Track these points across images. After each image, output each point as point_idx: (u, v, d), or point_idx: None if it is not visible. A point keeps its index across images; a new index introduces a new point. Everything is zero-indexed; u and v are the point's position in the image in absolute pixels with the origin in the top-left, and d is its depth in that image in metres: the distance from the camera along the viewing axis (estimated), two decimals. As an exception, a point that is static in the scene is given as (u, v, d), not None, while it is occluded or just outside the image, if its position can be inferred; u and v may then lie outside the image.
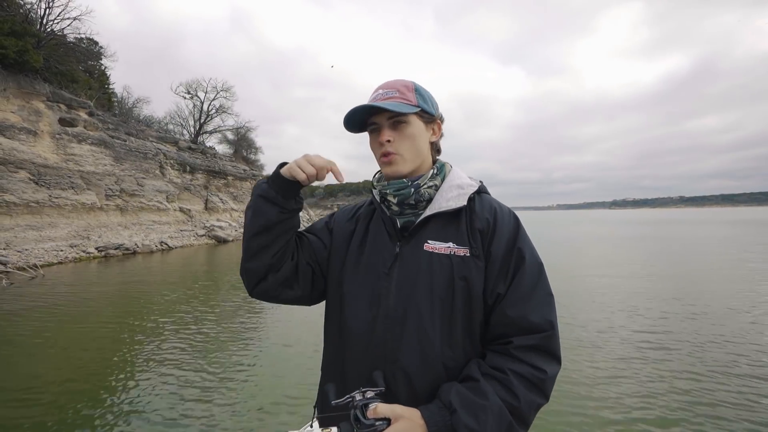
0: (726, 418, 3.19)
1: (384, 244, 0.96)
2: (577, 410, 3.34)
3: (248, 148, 39.71)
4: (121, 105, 28.22)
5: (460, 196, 0.93)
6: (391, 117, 0.92)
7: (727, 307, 6.56)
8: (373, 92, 0.97)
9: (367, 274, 0.95)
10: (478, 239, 0.90)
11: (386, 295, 0.91)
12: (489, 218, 0.92)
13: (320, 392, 1.01)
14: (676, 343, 4.92)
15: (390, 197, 0.96)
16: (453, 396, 0.79)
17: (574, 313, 6.35)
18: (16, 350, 4.97)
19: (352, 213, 1.09)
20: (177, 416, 3.34)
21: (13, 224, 14.04)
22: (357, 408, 0.76)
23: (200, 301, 7.74)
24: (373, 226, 1.01)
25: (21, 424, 3.20)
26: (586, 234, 29.68)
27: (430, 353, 0.86)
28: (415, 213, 0.96)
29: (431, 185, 0.96)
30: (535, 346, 0.83)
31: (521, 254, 0.90)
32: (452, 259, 0.89)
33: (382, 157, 0.94)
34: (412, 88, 0.95)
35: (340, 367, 0.96)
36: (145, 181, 21.43)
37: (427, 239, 0.91)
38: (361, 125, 0.98)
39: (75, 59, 20.30)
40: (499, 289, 0.87)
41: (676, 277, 9.76)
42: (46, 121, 16.50)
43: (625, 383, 3.82)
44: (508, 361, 0.83)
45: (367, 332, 0.91)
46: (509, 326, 0.86)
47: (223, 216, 27.76)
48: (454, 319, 0.87)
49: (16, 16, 16.11)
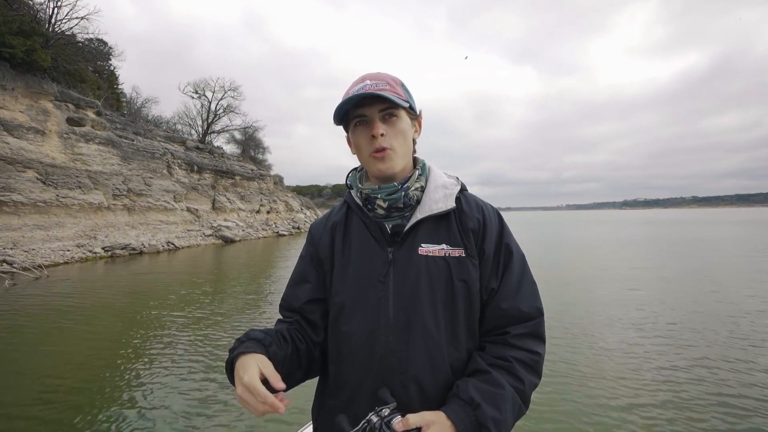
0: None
1: (373, 251, 0.92)
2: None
3: (256, 148, 39.73)
4: (130, 105, 28.33)
5: (447, 197, 0.93)
6: (383, 110, 0.89)
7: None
8: (358, 82, 0.90)
9: (359, 284, 0.91)
10: (471, 239, 0.91)
11: (385, 304, 0.88)
12: (479, 217, 0.93)
13: (324, 419, 0.95)
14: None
15: (379, 201, 0.92)
16: (472, 391, 0.80)
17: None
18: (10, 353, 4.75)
19: (325, 222, 1.04)
20: (179, 418, 3.29)
21: (21, 224, 14.00)
22: (379, 429, 0.74)
23: (207, 301, 7.50)
24: (355, 233, 0.96)
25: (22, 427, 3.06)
26: (601, 235, 29.08)
27: (439, 358, 0.86)
28: (402, 215, 0.93)
29: (418, 187, 0.94)
30: (528, 333, 0.88)
31: (509, 249, 0.93)
32: (448, 261, 0.88)
33: (375, 153, 0.89)
34: (400, 83, 0.93)
35: (343, 386, 0.91)
36: (152, 180, 21.40)
37: (420, 243, 0.90)
38: (342, 117, 0.93)
39: (83, 59, 20.32)
40: (492, 285, 0.90)
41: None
42: (54, 120, 16.49)
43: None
44: (508, 350, 0.86)
45: (367, 345, 0.87)
46: (504, 318, 0.89)
47: (231, 216, 27.69)
48: (457, 320, 0.88)
49: (24, 16, 16.12)
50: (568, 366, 4.23)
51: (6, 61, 14.74)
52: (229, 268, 12.94)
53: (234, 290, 8.95)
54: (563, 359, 4.42)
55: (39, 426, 3.15)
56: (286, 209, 37.24)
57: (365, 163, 0.94)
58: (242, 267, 13.13)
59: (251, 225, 28.51)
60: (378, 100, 0.88)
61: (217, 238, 22.33)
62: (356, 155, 0.96)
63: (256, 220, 30.60)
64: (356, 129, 0.92)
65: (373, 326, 0.88)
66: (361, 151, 0.92)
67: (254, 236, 25.86)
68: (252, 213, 31.00)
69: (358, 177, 1.01)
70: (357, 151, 0.94)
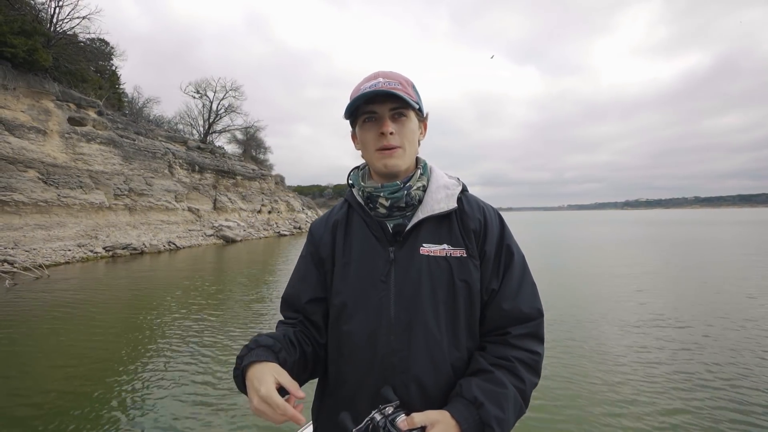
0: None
1: (375, 250, 0.92)
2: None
3: (257, 148, 39.73)
4: (132, 105, 28.34)
5: (448, 197, 0.93)
6: (394, 108, 0.89)
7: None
8: (371, 79, 0.90)
9: (361, 283, 0.91)
10: (472, 239, 0.91)
11: (386, 304, 0.88)
12: (480, 218, 0.93)
13: (324, 418, 0.96)
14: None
15: (382, 200, 0.92)
16: (475, 391, 0.80)
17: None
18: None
19: (326, 220, 1.04)
20: (181, 419, 3.24)
21: (22, 223, 14.00)
22: (383, 428, 0.73)
23: (208, 301, 7.47)
24: (356, 232, 0.96)
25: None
26: (602, 234, 28.98)
27: (440, 358, 0.86)
28: (404, 215, 0.93)
29: (419, 186, 0.94)
30: (529, 334, 0.89)
31: (510, 251, 0.93)
32: (450, 261, 0.89)
33: (383, 150, 0.89)
34: (411, 84, 0.94)
35: (343, 385, 0.91)
36: (153, 180, 21.39)
37: (422, 243, 0.90)
38: (352, 112, 0.92)
39: (85, 59, 20.32)
40: (493, 285, 0.90)
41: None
42: (55, 120, 16.49)
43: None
44: (509, 350, 0.87)
45: (369, 345, 0.87)
46: (505, 318, 0.89)
47: (232, 216, 27.68)
48: (458, 320, 0.88)
49: (26, 16, 16.12)
50: (575, 367, 4.18)
51: (7, 61, 14.75)
52: (231, 268, 12.91)
53: (235, 290, 8.91)
54: (565, 362, 4.37)
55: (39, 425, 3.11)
56: (288, 209, 37.23)
57: (370, 159, 0.94)
58: (243, 267, 13.10)
59: (252, 225, 28.50)
60: (390, 98, 0.88)
61: (218, 238, 22.31)
62: (361, 151, 0.96)
63: (258, 220, 30.59)
64: (365, 125, 0.91)
65: (374, 326, 0.88)
66: (367, 148, 0.92)
67: (255, 236, 25.84)
68: (253, 213, 30.99)
69: (360, 175, 1.00)
70: (363, 147, 0.94)
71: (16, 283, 9.25)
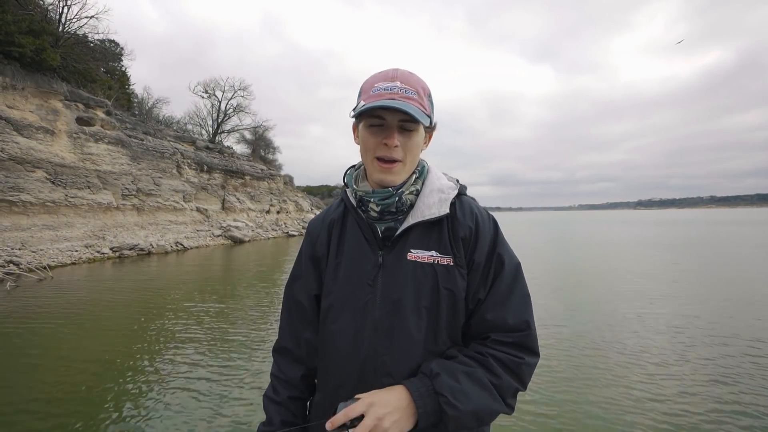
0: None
1: (364, 253, 0.92)
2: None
3: (266, 148, 39.64)
4: (141, 105, 28.36)
5: (441, 202, 0.91)
6: (403, 120, 0.85)
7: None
8: (388, 79, 0.85)
9: (349, 285, 0.91)
10: (461, 248, 0.89)
11: (372, 307, 0.88)
12: (471, 226, 0.91)
13: (315, 412, 0.98)
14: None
15: (372, 204, 0.90)
16: (433, 365, 0.81)
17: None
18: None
19: (323, 219, 1.02)
20: (182, 421, 3.22)
21: (30, 224, 13.90)
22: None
23: (214, 304, 7.14)
24: (350, 232, 0.95)
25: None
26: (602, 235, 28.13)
27: (418, 363, 0.86)
28: (395, 219, 0.91)
29: (412, 190, 0.92)
30: (512, 343, 0.85)
31: (501, 260, 0.90)
32: (436, 268, 0.87)
33: (384, 162, 0.87)
34: (428, 93, 0.90)
35: (327, 383, 0.93)
36: (161, 180, 21.28)
37: (410, 248, 0.89)
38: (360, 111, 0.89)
39: (94, 59, 20.28)
40: (479, 295, 0.88)
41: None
42: (64, 120, 16.40)
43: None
44: (486, 349, 0.85)
45: (352, 345, 0.88)
46: (489, 328, 0.88)
47: (240, 216, 27.53)
48: (439, 328, 0.87)
49: (34, 15, 16.06)
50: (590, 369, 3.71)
51: (16, 61, 14.67)
52: (239, 269, 12.61)
53: (243, 291, 8.61)
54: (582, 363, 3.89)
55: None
56: (296, 209, 37.03)
57: (368, 164, 0.91)
58: (252, 267, 12.79)
59: (261, 225, 28.31)
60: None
61: (226, 239, 22.11)
62: (359, 148, 0.93)
63: (266, 220, 30.41)
64: (368, 129, 0.87)
65: (358, 327, 0.88)
66: (367, 151, 0.89)
67: (264, 236, 25.62)
68: (262, 213, 30.82)
69: (354, 176, 0.99)
70: (362, 147, 0.91)
71: (18, 285, 9.03)
